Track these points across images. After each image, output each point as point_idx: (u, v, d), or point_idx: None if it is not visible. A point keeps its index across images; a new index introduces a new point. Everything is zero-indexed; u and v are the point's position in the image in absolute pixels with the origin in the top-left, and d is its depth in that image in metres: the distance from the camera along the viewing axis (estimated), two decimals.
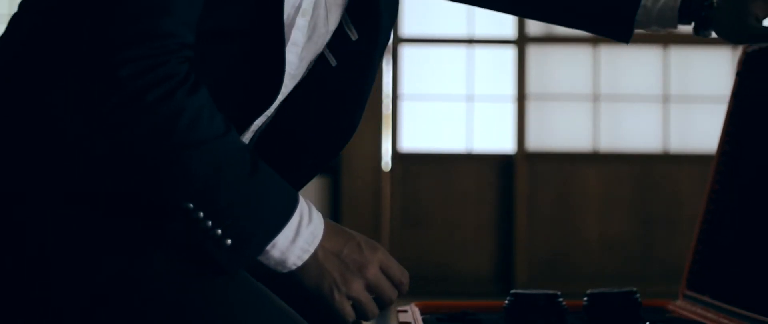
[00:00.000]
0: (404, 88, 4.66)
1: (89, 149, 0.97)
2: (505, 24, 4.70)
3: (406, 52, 4.68)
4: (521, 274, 4.47)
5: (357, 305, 0.98)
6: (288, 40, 1.02)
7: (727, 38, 1.20)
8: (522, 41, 4.65)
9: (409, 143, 4.64)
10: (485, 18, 4.72)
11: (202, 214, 0.91)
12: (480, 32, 4.71)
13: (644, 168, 4.64)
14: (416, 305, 1.25)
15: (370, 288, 0.98)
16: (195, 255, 0.95)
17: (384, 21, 1.07)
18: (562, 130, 4.67)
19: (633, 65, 4.71)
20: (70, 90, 0.93)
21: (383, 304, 1.00)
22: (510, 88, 4.68)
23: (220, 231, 0.91)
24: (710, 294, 1.17)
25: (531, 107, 4.67)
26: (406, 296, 1.07)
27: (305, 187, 1.36)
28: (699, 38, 4.58)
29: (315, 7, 1.03)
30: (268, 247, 0.94)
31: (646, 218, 4.59)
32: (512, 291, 1.17)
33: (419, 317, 1.19)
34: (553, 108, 4.69)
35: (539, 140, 4.66)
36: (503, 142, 4.66)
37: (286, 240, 0.95)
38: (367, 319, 1.00)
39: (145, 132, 0.90)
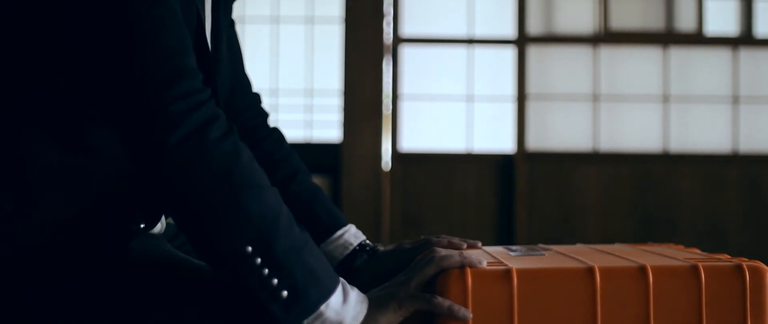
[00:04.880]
0: (404, 88, 4.66)
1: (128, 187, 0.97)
2: (505, 24, 4.70)
3: (406, 52, 4.68)
4: None
5: None
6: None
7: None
8: (522, 41, 4.65)
9: (409, 143, 4.64)
10: (485, 18, 4.72)
11: (259, 260, 0.90)
12: (480, 32, 4.71)
13: (644, 168, 4.64)
14: None
15: None
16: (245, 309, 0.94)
17: None
18: (562, 130, 4.67)
19: (633, 65, 4.71)
20: (118, 130, 0.92)
21: None
22: (510, 88, 4.68)
23: (276, 281, 0.91)
24: None
25: (531, 107, 4.67)
26: None
27: None
28: (699, 38, 4.57)
29: None
30: (323, 308, 0.93)
31: (645, 218, 4.59)
32: None
33: None
34: (553, 108, 4.69)
35: (539, 140, 4.66)
36: (503, 142, 4.66)
37: (338, 302, 0.95)
38: None
39: (209, 169, 0.90)
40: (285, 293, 0.91)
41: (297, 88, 4.68)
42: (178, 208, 0.92)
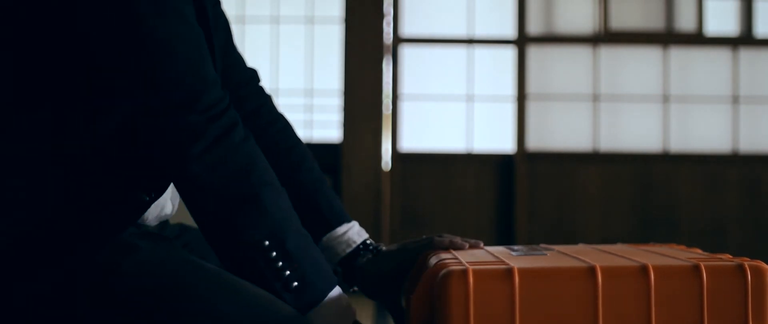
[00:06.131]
0: (404, 88, 4.66)
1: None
2: (505, 24, 4.70)
3: (406, 52, 4.68)
4: None
5: None
6: None
7: (371, 297, 1.31)
8: (522, 41, 4.65)
9: (409, 143, 4.64)
10: (485, 18, 4.72)
11: (274, 253, 0.97)
12: (480, 32, 4.71)
13: (644, 168, 4.64)
14: None
15: None
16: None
17: None
18: (562, 130, 4.67)
19: (633, 65, 4.71)
20: (140, 139, 0.96)
21: None
22: (510, 88, 4.68)
23: (288, 273, 0.98)
24: None
25: (531, 107, 4.67)
26: None
27: None
28: (699, 38, 4.58)
29: None
30: (327, 299, 1.01)
31: (645, 218, 4.59)
32: None
33: None
34: (553, 108, 4.69)
35: (539, 140, 4.66)
36: (503, 142, 4.66)
37: (335, 296, 1.03)
38: None
39: (232, 171, 0.96)
40: (296, 284, 0.98)
41: (297, 88, 4.68)
42: (200, 208, 0.98)
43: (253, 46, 4.67)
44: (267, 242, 0.97)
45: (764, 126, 4.71)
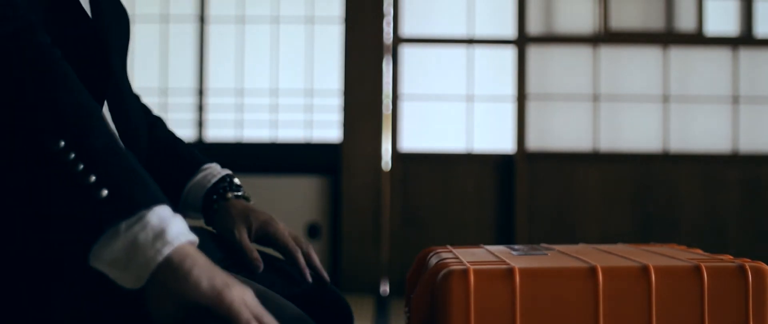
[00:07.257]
0: (404, 88, 4.66)
1: None
2: (505, 24, 4.70)
3: (406, 52, 4.68)
4: None
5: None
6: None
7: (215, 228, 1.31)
8: (522, 41, 4.65)
9: (409, 143, 4.64)
10: (485, 18, 4.72)
11: (73, 155, 0.81)
12: (480, 32, 4.71)
13: (644, 168, 4.64)
14: None
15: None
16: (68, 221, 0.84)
17: None
18: (562, 130, 4.67)
19: (633, 65, 4.71)
20: None
21: None
22: (510, 88, 4.68)
23: (93, 178, 0.81)
24: None
25: (531, 107, 4.67)
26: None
27: (306, 188, 1.37)
28: (699, 38, 4.57)
29: None
30: (146, 211, 0.82)
31: (645, 218, 4.59)
32: None
33: None
34: (553, 108, 4.68)
35: (539, 140, 4.66)
36: (503, 142, 4.66)
37: (165, 211, 0.84)
38: None
39: (23, 56, 0.84)
40: (105, 192, 0.81)
41: (297, 88, 4.67)
42: None
43: (253, 46, 4.67)
44: (63, 142, 0.81)
45: (764, 126, 4.70)
